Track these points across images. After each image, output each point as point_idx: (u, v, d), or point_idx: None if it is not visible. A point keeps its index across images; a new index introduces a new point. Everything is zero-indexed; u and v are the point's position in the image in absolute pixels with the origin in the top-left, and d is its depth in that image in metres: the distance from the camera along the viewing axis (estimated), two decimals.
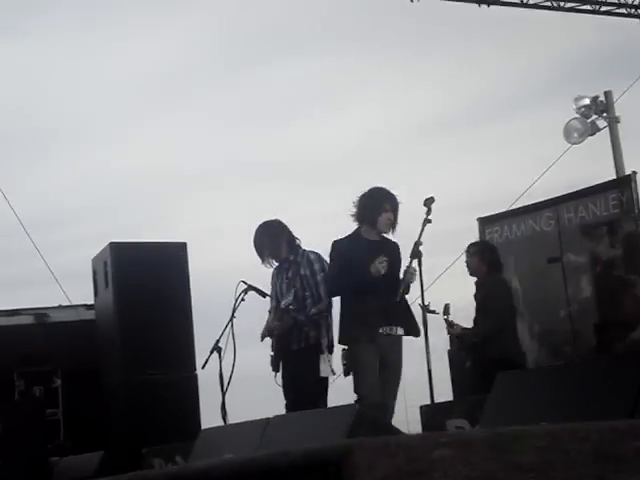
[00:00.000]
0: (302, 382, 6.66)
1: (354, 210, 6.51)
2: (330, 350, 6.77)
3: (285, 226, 7.07)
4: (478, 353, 7.52)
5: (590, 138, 12.79)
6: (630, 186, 8.16)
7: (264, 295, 7.11)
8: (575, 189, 8.85)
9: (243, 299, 7.00)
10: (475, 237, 9.62)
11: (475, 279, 7.69)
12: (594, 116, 12.84)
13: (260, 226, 7.07)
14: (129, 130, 18.45)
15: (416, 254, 6.90)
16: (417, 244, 6.90)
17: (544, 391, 4.41)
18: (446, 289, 10.90)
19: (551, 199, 9.04)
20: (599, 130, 12.92)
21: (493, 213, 9.67)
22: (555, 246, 8.68)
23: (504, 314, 7.58)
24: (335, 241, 6.57)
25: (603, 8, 11.17)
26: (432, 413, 6.02)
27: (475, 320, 7.64)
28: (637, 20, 11.37)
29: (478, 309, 7.64)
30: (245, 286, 7.02)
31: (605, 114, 12.95)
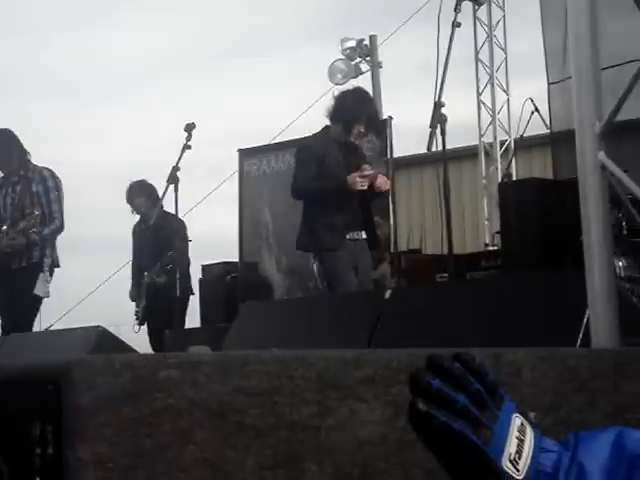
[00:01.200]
0: (21, 301, 6.41)
1: (331, 105, 5.95)
2: (51, 271, 6.57)
3: (17, 136, 6.68)
4: None
5: (353, 80, 13.05)
6: (385, 130, 8.41)
7: None
8: None
9: None
10: (234, 168, 9.68)
11: None
12: (358, 59, 13.11)
13: None
14: None
15: (173, 179, 6.85)
16: (175, 169, 6.85)
17: (286, 321, 4.52)
18: (202, 217, 10.88)
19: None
20: (362, 73, 13.20)
21: (253, 146, 9.72)
22: None
23: None
24: (303, 142, 6.22)
25: None
26: (176, 339, 6.05)
27: None
28: None
29: None
30: None
31: (368, 58, 13.24)
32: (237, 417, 1.55)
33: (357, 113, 5.76)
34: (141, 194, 7.82)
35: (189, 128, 6.80)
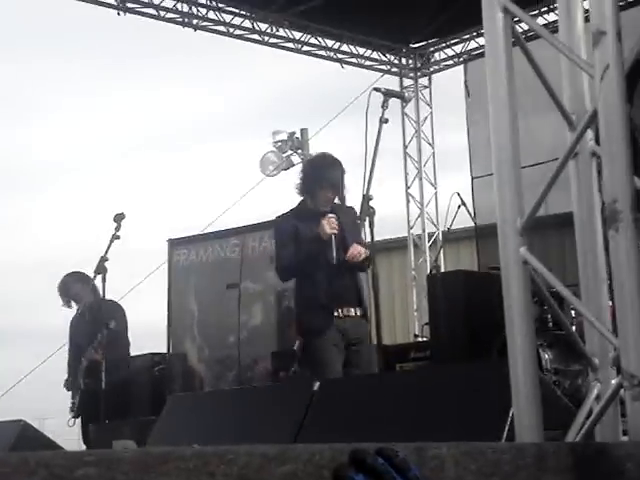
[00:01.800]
0: None
1: (298, 180, 5.82)
2: None
3: None
4: None
5: (284, 172, 13.19)
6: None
7: None
8: (265, 220, 9.09)
9: None
10: (164, 258, 9.64)
11: None
12: (290, 151, 13.28)
13: None
14: None
15: (101, 269, 6.81)
16: (103, 259, 6.82)
17: (214, 414, 4.46)
18: (130, 308, 10.75)
19: (239, 227, 9.23)
20: (293, 165, 13.36)
21: (183, 236, 9.72)
22: (236, 273, 8.85)
23: None
24: (278, 217, 5.89)
25: (305, 48, 11.60)
26: (100, 433, 5.92)
27: None
28: (337, 65, 11.90)
29: None
30: None
31: (300, 150, 13.42)
32: None
33: (318, 181, 5.63)
34: (76, 282, 7.76)
35: (118, 218, 6.79)
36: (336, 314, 5.47)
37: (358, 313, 5.54)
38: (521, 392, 2.63)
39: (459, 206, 9.21)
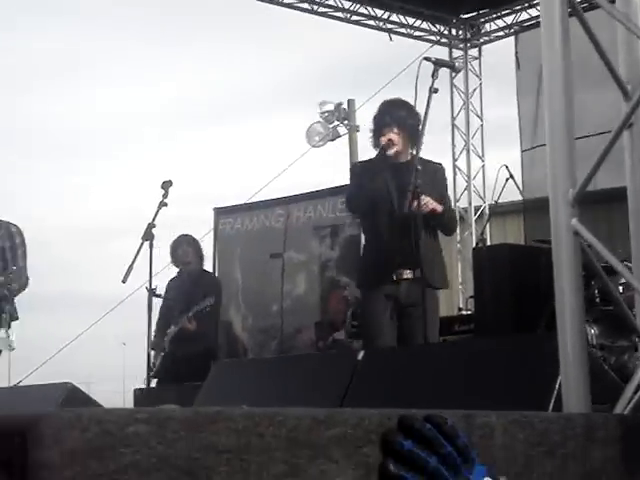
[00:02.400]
0: None
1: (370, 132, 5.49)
2: (9, 325, 6.51)
3: None
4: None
5: (330, 143, 13.18)
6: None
7: None
8: (310, 190, 9.09)
9: None
10: (210, 226, 9.68)
11: None
12: (336, 122, 13.25)
13: None
14: None
15: (148, 236, 6.84)
16: (150, 226, 6.84)
17: (258, 381, 4.49)
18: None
19: (284, 197, 9.22)
20: (339, 136, 13.33)
21: (229, 205, 9.74)
22: (280, 242, 8.86)
23: None
24: (355, 163, 5.82)
25: (354, 17, 11.53)
26: (145, 397, 5.98)
27: None
28: (385, 34, 11.81)
29: None
30: None
31: (346, 121, 13.39)
32: (205, 474, 1.54)
33: (383, 116, 5.34)
34: (188, 245, 7.86)
35: (166, 186, 6.81)
36: (392, 277, 5.18)
37: (413, 276, 5.15)
38: (569, 362, 2.61)
39: (507, 179, 9.13)
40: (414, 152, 5.33)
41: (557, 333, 2.71)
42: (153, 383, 7.37)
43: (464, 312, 9.87)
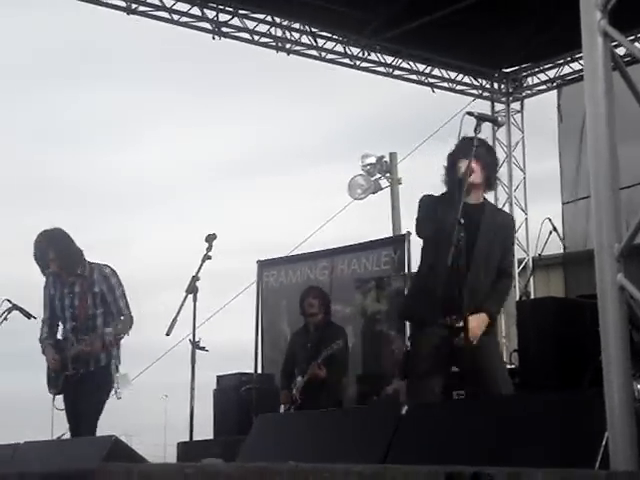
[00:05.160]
0: (87, 406, 6.36)
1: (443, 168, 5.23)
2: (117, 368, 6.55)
3: (70, 236, 6.67)
4: None
5: (372, 196, 13.24)
6: (403, 245, 8.48)
7: (29, 316, 6.84)
8: (353, 243, 9.12)
9: (6, 318, 6.72)
10: (253, 279, 9.72)
11: None
12: (378, 175, 13.32)
13: (44, 235, 6.57)
14: None
15: (192, 289, 6.88)
16: (194, 279, 6.89)
17: (301, 435, 4.47)
18: (219, 327, 10.90)
19: (328, 249, 9.26)
20: (381, 189, 13.40)
21: (272, 257, 9.79)
22: None
23: None
24: (424, 195, 5.25)
25: (396, 72, 11.62)
26: (188, 450, 5.97)
27: None
28: (428, 88, 11.89)
29: None
30: (9, 305, 6.76)
31: (388, 174, 13.45)
32: None
33: (462, 149, 4.97)
34: (315, 297, 7.92)
35: (210, 239, 6.87)
36: (444, 320, 4.94)
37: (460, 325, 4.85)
38: (616, 419, 2.59)
39: (550, 232, 9.09)
40: (486, 196, 5.12)
41: (603, 389, 2.69)
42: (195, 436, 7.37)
43: (508, 366, 9.78)
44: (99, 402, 6.42)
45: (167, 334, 7.17)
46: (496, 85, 12.42)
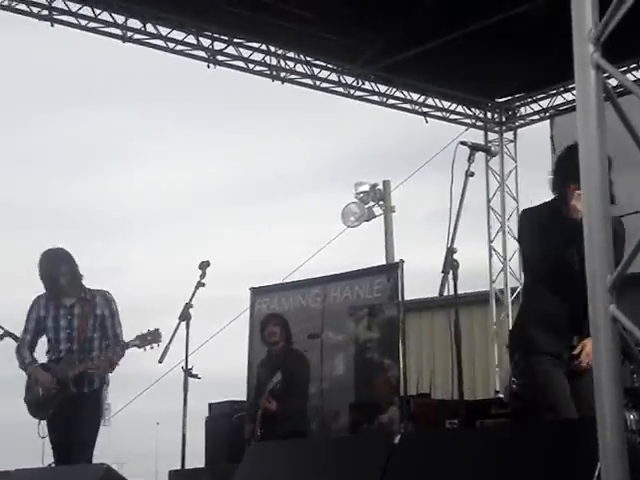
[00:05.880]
0: (80, 430, 6.27)
1: (550, 174, 4.95)
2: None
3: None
4: None
5: (366, 223, 13.27)
6: (396, 273, 8.48)
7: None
8: (346, 270, 9.12)
9: None
10: (246, 306, 9.71)
11: None
12: (371, 203, 13.36)
13: (51, 252, 6.52)
14: None
15: (185, 316, 6.88)
16: (187, 306, 6.89)
17: (294, 463, 4.46)
18: (212, 354, 10.88)
19: (321, 277, 9.26)
20: (375, 217, 13.43)
21: (265, 284, 9.79)
22: (318, 323, 8.87)
23: None
24: (525, 210, 5.01)
25: (390, 101, 11.68)
26: (180, 479, 5.95)
27: None
28: (421, 117, 11.95)
29: None
30: (2, 331, 6.74)
31: (382, 202, 13.49)
32: None
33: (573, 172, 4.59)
34: (275, 325, 7.99)
35: (203, 266, 6.87)
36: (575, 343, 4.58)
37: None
38: (608, 451, 2.59)
39: None
40: None
41: (596, 419, 2.70)
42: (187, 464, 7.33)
43: (501, 395, 9.77)
44: (97, 428, 6.38)
45: (160, 361, 7.16)
46: (489, 114, 12.51)
